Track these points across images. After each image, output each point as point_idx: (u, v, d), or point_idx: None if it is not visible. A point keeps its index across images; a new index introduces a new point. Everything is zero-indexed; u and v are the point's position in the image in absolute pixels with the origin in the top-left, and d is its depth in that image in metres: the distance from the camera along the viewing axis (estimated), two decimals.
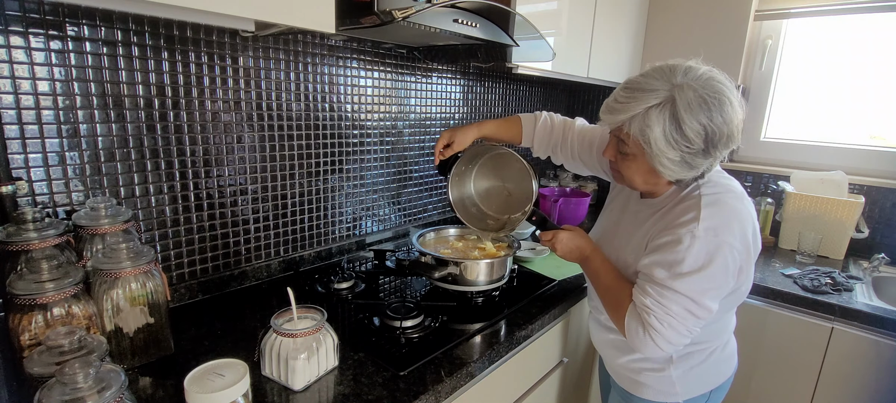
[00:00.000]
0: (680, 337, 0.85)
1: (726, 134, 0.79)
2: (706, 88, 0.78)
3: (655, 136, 0.78)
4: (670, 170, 0.82)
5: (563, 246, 1.01)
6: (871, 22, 1.88)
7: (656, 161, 0.81)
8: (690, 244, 0.81)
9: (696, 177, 0.87)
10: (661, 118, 0.78)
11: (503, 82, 2.01)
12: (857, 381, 1.43)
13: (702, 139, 0.78)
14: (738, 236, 0.83)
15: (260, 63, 1.17)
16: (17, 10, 0.82)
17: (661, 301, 0.84)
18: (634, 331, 0.88)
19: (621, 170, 0.91)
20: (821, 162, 1.98)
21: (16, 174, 0.86)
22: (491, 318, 1.12)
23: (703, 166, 0.83)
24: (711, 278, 0.82)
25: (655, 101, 0.78)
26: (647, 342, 0.86)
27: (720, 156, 0.83)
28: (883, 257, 1.66)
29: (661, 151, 0.79)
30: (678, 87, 0.78)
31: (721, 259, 0.81)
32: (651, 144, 0.79)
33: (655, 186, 0.92)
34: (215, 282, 1.18)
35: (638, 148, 0.83)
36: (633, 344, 0.89)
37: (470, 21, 1.10)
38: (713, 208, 0.83)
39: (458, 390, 0.93)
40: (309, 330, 0.82)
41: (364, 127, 1.47)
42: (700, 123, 0.77)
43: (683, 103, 0.77)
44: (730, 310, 0.99)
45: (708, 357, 1.00)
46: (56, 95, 0.88)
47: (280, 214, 1.30)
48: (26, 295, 0.71)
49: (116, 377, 0.61)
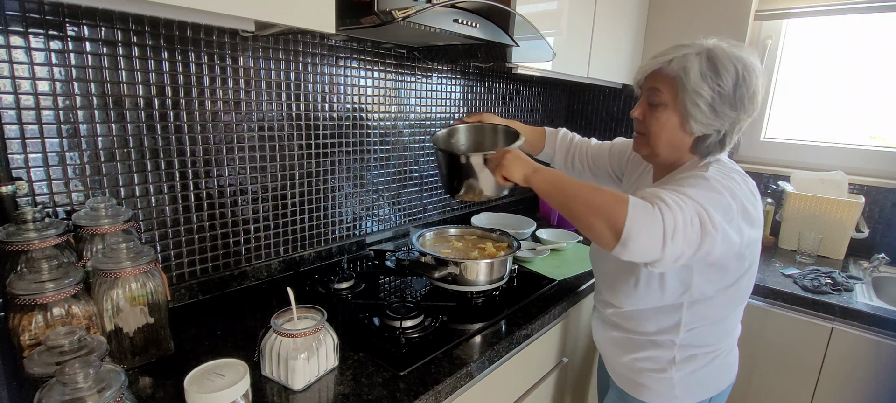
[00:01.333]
0: (685, 237, 0.75)
1: (753, 88, 0.84)
2: (747, 51, 0.87)
3: (693, 71, 0.84)
4: (700, 112, 0.85)
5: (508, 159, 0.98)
6: (871, 22, 1.88)
7: (689, 100, 0.85)
8: (699, 175, 0.84)
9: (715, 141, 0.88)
10: (697, 60, 0.85)
11: (503, 82, 2.01)
12: (857, 381, 1.43)
13: (732, 82, 0.83)
14: (739, 192, 0.83)
15: (260, 63, 1.17)
16: (17, 10, 0.82)
17: (675, 197, 0.78)
18: (641, 204, 0.76)
19: (649, 126, 0.92)
20: (821, 162, 1.98)
21: (16, 174, 0.86)
22: (491, 318, 1.12)
23: (728, 122, 0.86)
24: (718, 201, 0.79)
25: (694, 51, 0.86)
26: (654, 215, 0.75)
27: (743, 117, 0.86)
28: (883, 257, 1.66)
29: (695, 87, 0.84)
30: (714, 44, 0.87)
31: (727, 195, 0.81)
32: (689, 76, 0.84)
33: (678, 150, 0.92)
34: (215, 282, 1.18)
35: (671, 93, 0.87)
36: (632, 221, 0.75)
37: (470, 21, 1.10)
38: (718, 167, 0.88)
39: (458, 390, 0.93)
40: (309, 330, 0.82)
41: (364, 127, 1.47)
42: (733, 65, 0.84)
43: (718, 51, 0.85)
44: (734, 309, 0.97)
45: (711, 362, 0.99)
46: (56, 95, 0.88)
47: (280, 214, 1.30)
48: (26, 295, 0.71)
49: (116, 377, 0.61)
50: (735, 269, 0.90)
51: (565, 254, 1.61)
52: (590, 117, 2.46)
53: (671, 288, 0.93)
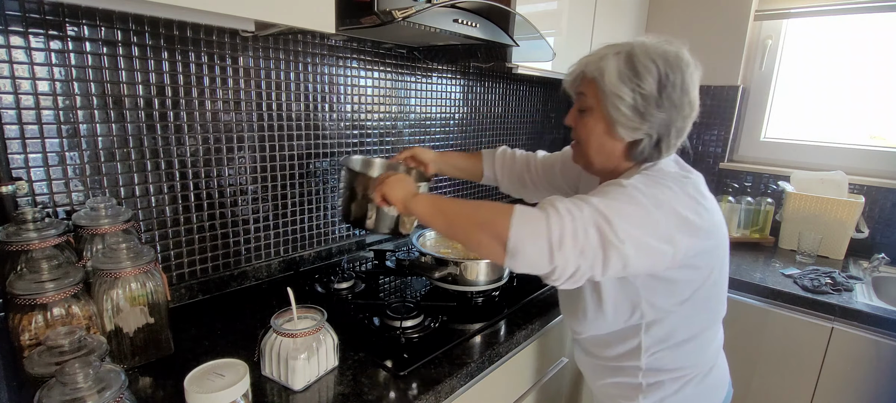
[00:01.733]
0: (574, 246, 0.69)
1: (680, 85, 0.78)
2: (668, 46, 0.80)
3: (610, 72, 0.79)
4: (623, 116, 0.79)
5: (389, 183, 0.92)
6: (871, 22, 1.88)
7: (610, 103, 0.79)
8: (611, 188, 0.77)
9: (649, 146, 0.81)
10: (616, 59, 0.79)
11: (503, 82, 2.01)
12: (857, 381, 1.43)
13: (655, 81, 0.77)
14: (668, 198, 0.75)
15: (260, 63, 1.17)
16: (17, 10, 0.82)
17: (573, 203, 0.73)
18: (526, 212, 0.73)
19: (579, 133, 0.88)
20: (821, 162, 1.98)
21: (16, 174, 0.86)
22: (491, 318, 1.12)
23: (657, 125, 0.79)
24: (631, 215, 0.72)
25: (614, 50, 0.81)
26: (539, 222, 0.71)
27: (677, 118, 0.79)
28: (883, 257, 1.66)
29: (614, 89, 0.78)
30: (636, 42, 0.81)
31: (647, 203, 0.73)
32: (605, 77, 0.79)
33: (611, 158, 0.86)
34: (215, 282, 1.18)
35: (595, 97, 0.82)
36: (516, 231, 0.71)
37: (470, 21, 1.10)
38: (646, 174, 0.80)
39: (458, 390, 0.93)
40: (309, 330, 0.82)
41: (364, 127, 1.47)
42: (653, 62, 0.77)
43: (638, 49, 0.79)
44: (700, 326, 0.88)
45: (683, 387, 0.90)
46: (56, 95, 0.88)
47: (280, 214, 1.30)
48: (26, 295, 0.71)
49: (116, 377, 0.61)
50: (686, 282, 0.82)
51: None
52: None
53: (620, 310, 0.87)
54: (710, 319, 0.90)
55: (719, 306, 0.91)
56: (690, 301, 0.84)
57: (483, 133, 1.96)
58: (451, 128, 1.79)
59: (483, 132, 1.96)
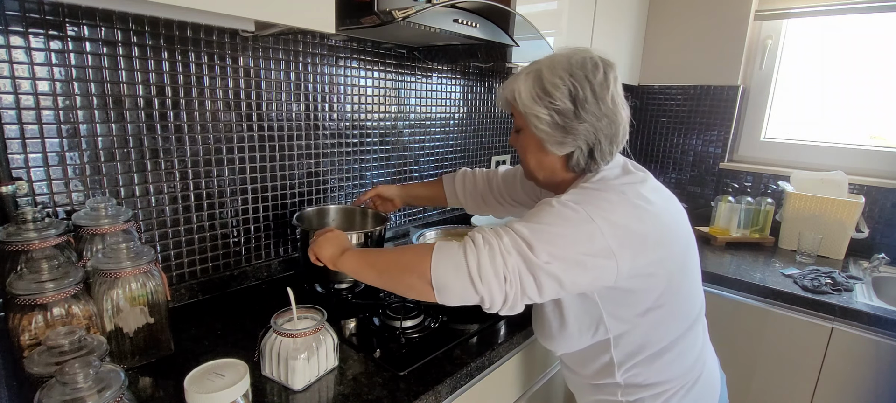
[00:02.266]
0: (495, 274, 0.70)
1: (592, 94, 0.78)
2: (573, 57, 0.80)
3: (522, 94, 0.81)
4: (546, 132, 0.80)
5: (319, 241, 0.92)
6: (871, 22, 1.88)
7: (531, 123, 0.81)
8: (541, 207, 0.77)
9: (583, 157, 0.81)
10: (527, 81, 0.81)
11: (503, 82, 2.01)
12: (857, 381, 1.43)
13: (568, 96, 0.78)
14: (601, 214, 0.73)
15: (260, 63, 1.17)
16: (17, 10, 0.82)
17: (496, 229, 0.75)
18: (446, 249, 0.74)
19: (518, 152, 0.90)
20: (821, 162, 1.98)
21: (16, 174, 0.86)
22: (491, 318, 1.11)
23: (582, 132, 0.79)
24: (556, 238, 0.72)
25: (526, 72, 0.83)
26: (457, 256, 0.72)
27: (601, 126, 0.79)
28: (883, 257, 1.66)
29: (529, 109, 0.80)
30: (544, 61, 0.82)
31: (572, 226, 0.72)
32: (519, 101, 0.81)
33: (552, 172, 0.86)
34: (215, 282, 1.18)
35: (520, 116, 0.84)
36: (437, 270, 0.73)
37: (470, 21, 1.10)
38: (582, 190, 0.79)
39: (458, 390, 0.93)
40: (309, 330, 0.82)
41: (364, 127, 1.47)
42: (560, 78, 0.78)
43: (547, 67, 0.80)
44: (672, 337, 0.85)
45: None
46: (56, 95, 0.88)
47: (280, 214, 1.30)
48: (26, 295, 0.71)
49: (116, 377, 0.61)
50: (644, 290, 0.79)
51: None
52: None
53: (583, 325, 0.86)
54: (682, 326, 0.86)
55: (689, 309, 0.87)
56: (655, 309, 0.81)
57: (483, 133, 1.96)
58: (451, 128, 1.79)
59: (483, 132, 1.96)
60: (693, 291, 0.88)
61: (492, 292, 0.71)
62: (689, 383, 0.89)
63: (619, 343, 0.85)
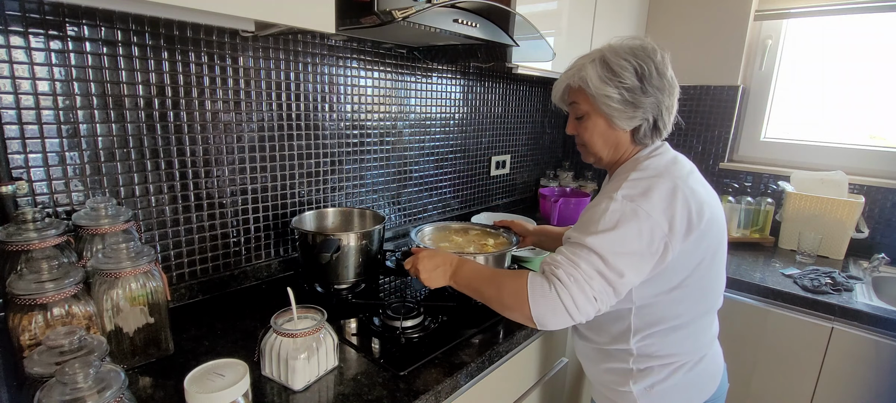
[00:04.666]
0: (587, 300, 0.81)
1: (655, 70, 0.87)
2: (632, 42, 0.90)
3: (593, 79, 0.89)
4: (618, 110, 0.89)
5: (424, 264, 0.98)
6: (871, 22, 1.88)
7: (602, 103, 0.89)
8: (606, 207, 0.84)
9: (649, 128, 0.91)
10: (593, 66, 0.89)
11: (503, 82, 2.01)
12: (857, 381, 1.43)
13: (634, 74, 0.87)
14: (658, 208, 0.82)
15: (260, 63, 1.17)
16: (17, 10, 0.82)
17: (571, 257, 0.83)
18: (539, 290, 0.83)
19: (583, 138, 0.96)
20: (821, 162, 1.98)
21: (16, 174, 0.86)
22: (491, 318, 1.11)
23: (650, 107, 0.88)
24: (623, 240, 0.81)
25: (589, 59, 0.91)
26: (552, 299, 0.81)
27: (664, 98, 0.89)
28: (883, 257, 1.66)
29: (599, 91, 0.88)
30: (606, 47, 0.91)
31: (635, 223, 0.82)
32: (590, 86, 0.89)
33: (618, 148, 0.94)
34: (215, 282, 1.18)
35: (587, 102, 0.92)
36: (537, 311, 0.83)
37: (470, 21, 1.10)
38: (636, 182, 0.86)
39: (457, 390, 0.93)
40: (309, 330, 0.82)
41: (364, 127, 1.47)
42: (625, 60, 0.87)
43: (609, 54, 0.89)
44: (692, 314, 0.92)
45: (673, 374, 0.93)
46: (56, 95, 0.88)
47: (280, 214, 1.30)
48: (26, 295, 0.71)
49: (116, 377, 0.61)
50: (679, 270, 0.87)
51: None
52: None
53: None
54: (702, 309, 0.94)
55: (714, 296, 0.96)
56: (681, 288, 0.89)
57: (483, 133, 1.96)
58: (451, 128, 1.79)
59: (483, 132, 1.96)
60: (718, 279, 0.95)
61: (588, 314, 0.83)
62: (696, 360, 0.96)
63: (641, 313, 0.91)
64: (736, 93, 2.08)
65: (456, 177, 1.89)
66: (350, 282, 1.22)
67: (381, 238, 1.23)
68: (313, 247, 1.13)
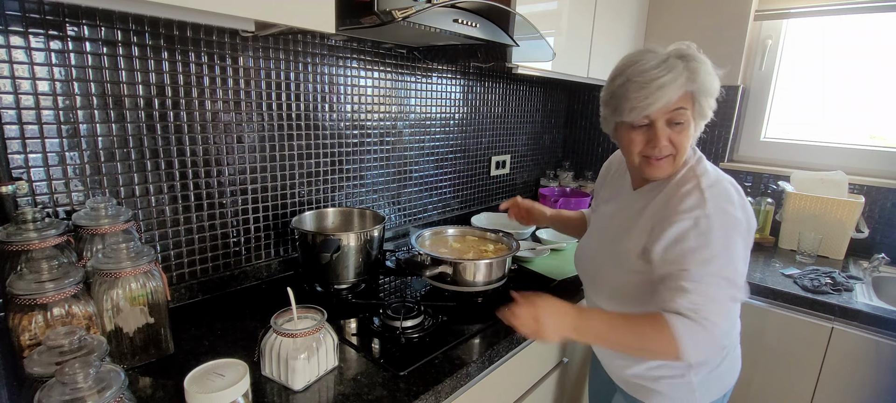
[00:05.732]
0: (728, 318, 0.84)
1: None
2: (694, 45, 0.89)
3: (715, 84, 0.87)
4: (711, 106, 0.88)
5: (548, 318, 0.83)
6: (871, 22, 1.88)
7: (706, 101, 0.87)
8: (708, 226, 0.82)
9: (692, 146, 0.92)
10: (708, 71, 0.86)
11: (503, 82, 2.01)
12: (857, 381, 1.43)
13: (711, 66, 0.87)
14: (739, 209, 0.86)
15: (260, 63, 1.17)
16: (17, 10, 0.82)
17: (705, 290, 0.80)
18: (690, 337, 0.78)
19: (678, 145, 0.88)
20: (821, 162, 1.98)
21: (16, 174, 0.86)
22: (491, 318, 1.11)
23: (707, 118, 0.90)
24: (736, 254, 0.83)
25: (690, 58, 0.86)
26: (708, 340, 0.80)
27: None
28: (883, 257, 1.66)
29: (708, 85, 0.85)
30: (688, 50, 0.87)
31: (737, 233, 0.84)
32: (705, 83, 0.85)
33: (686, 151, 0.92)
34: (215, 282, 1.18)
35: (690, 104, 0.87)
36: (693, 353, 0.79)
37: (470, 21, 1.10)
38: (714, 189, 0.87)
39: (457, 390, 0.93)
40: (309, 330, 0.82)
41: (364, 127, 1.47)
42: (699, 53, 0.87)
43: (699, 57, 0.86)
44: None
45: (725, 360, 0.99)
46: (56, 95, 0.88)
47: (280, 214, 1.30)
48: (26, 295, 0.71)
49: (116, 377, 0.61)
50: None
51: (565, 254, 1.61)
52: (590, 117, 2.46)
53: None
54: None
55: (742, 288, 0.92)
56: None
57: (483, 133, 1.96)
58: (451, 128, 1.79)
59: (483, 132, 1.96)
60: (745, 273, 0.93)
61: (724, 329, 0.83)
62: (734, 344, 1.02)
63: None
64: (736, 93, 2.08)
65: (456, 177, 1.89)
66: (350, 282, 1.22)
67: (381, 238, 1.23)
68: (313, 247, 1.13)
